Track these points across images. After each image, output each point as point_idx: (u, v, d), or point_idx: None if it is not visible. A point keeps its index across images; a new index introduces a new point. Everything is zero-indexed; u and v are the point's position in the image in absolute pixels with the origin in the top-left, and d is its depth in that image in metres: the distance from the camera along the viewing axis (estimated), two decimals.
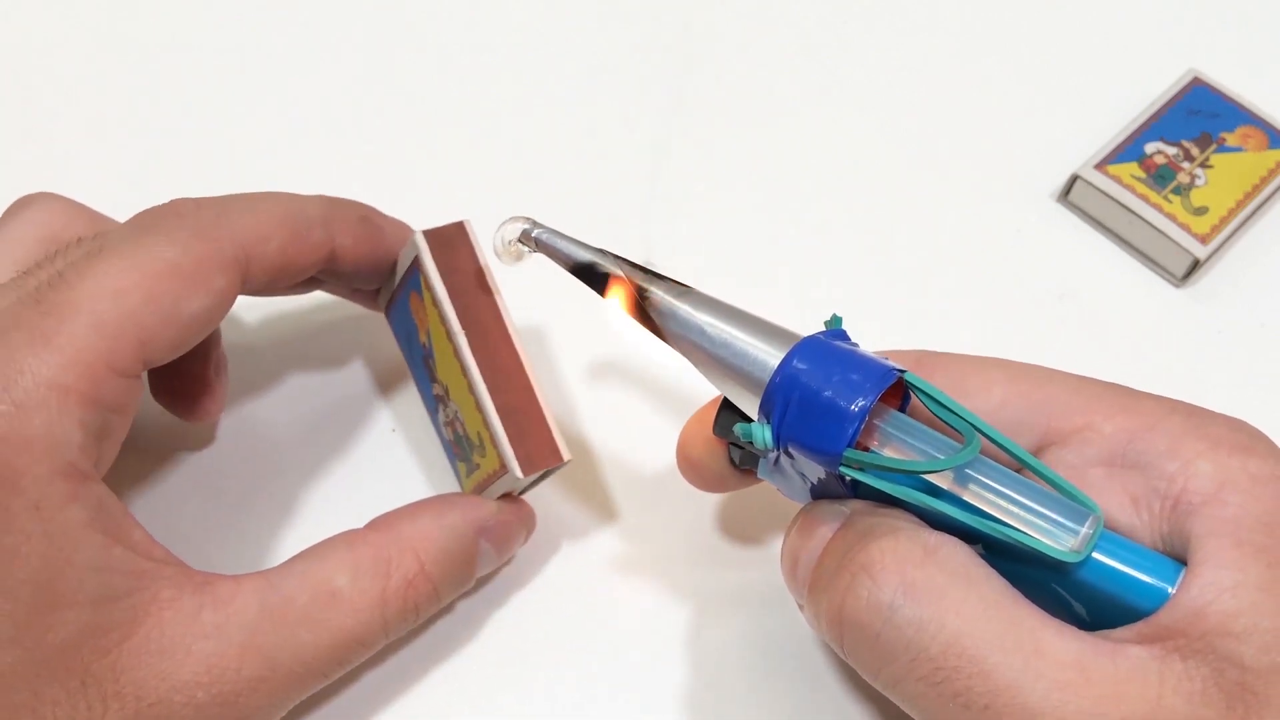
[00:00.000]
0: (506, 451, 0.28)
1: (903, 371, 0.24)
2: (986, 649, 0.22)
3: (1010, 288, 0.39)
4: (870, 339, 0.37)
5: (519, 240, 0.28)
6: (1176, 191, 0.39)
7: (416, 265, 0.30)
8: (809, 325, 0.26)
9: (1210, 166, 0.39)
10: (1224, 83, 0.41)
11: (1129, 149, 0.40)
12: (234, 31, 0.44)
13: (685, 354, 0.26)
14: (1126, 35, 0.45)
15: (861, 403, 0.23)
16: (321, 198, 0.31)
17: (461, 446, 0.31)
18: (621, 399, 0.36)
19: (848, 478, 0.24)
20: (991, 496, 0.23)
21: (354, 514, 0.30)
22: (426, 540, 0.29)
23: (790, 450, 0.24)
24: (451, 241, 0.30)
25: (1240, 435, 0.24)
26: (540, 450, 0.29)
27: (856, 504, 0.25)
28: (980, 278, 0.39)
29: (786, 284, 0.39)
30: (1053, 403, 0.25)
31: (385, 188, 0.36)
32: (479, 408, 0.29)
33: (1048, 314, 0.38)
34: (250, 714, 0.26)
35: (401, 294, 0.32)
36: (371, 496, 0.32)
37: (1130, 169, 0.39)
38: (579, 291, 0.28)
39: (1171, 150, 0.40)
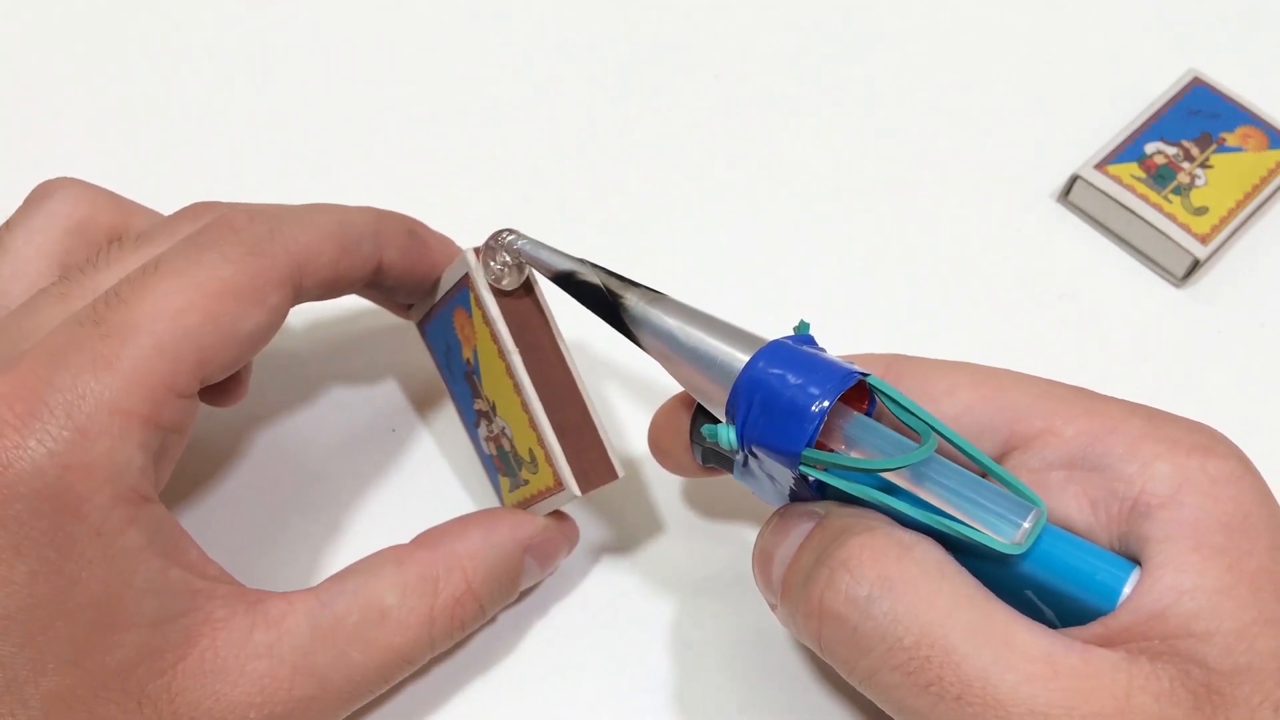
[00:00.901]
0: (564, 470, 0.28)
1: (865, 375, 0.24)
2: (958, 640, 0.22)
3: (1010, 288, 0.39)
4: (871, 339, 0.37)
5: (505, 253, 0.29)
6: (1176, 191, 0.39)
7: (466, 282, 0.30)
8: (792, 313, 0.26)
9: (1210, 166, 0.39)
10: (1224, 83, 0.41)
11: (1129, 149, 0.40)
12: (245, 28, 0.44)
13: (658, 358, 0.27)
14: (1126, 35, 0.45)
15: (821, 404, 0.23)
16: (370, 210, 0.30)
17: (505, 462, 0.31)
18: (640, 408, 0.36)
19: (811, 478, 0.24)
20: (942, 493, 0.23)
21: (391, 523, 0.30)
22: (474, 558, 0.29)
23: (755, 451, 0.25)
24: (498, 255, 0.30)
25: (1200, 436, 0.24)
26: (596, 468, 0.29)
27: (829, 505, 0.25)
28: (980, 278, 0.39)
29: (786, 283, 0.39)
30: (1015, 407, 0.25)
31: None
32: (533, 425, 0.29)
33: (1048, 314, 0.38)
34: None
35: (444, 308, 0.31)
36: (408, 506, 0.33)
37: (1130, 169, 0.39)
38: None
39: (1171, 150, 0.40)
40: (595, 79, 0.43)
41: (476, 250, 0.29)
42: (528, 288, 0.29)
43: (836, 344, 0.37)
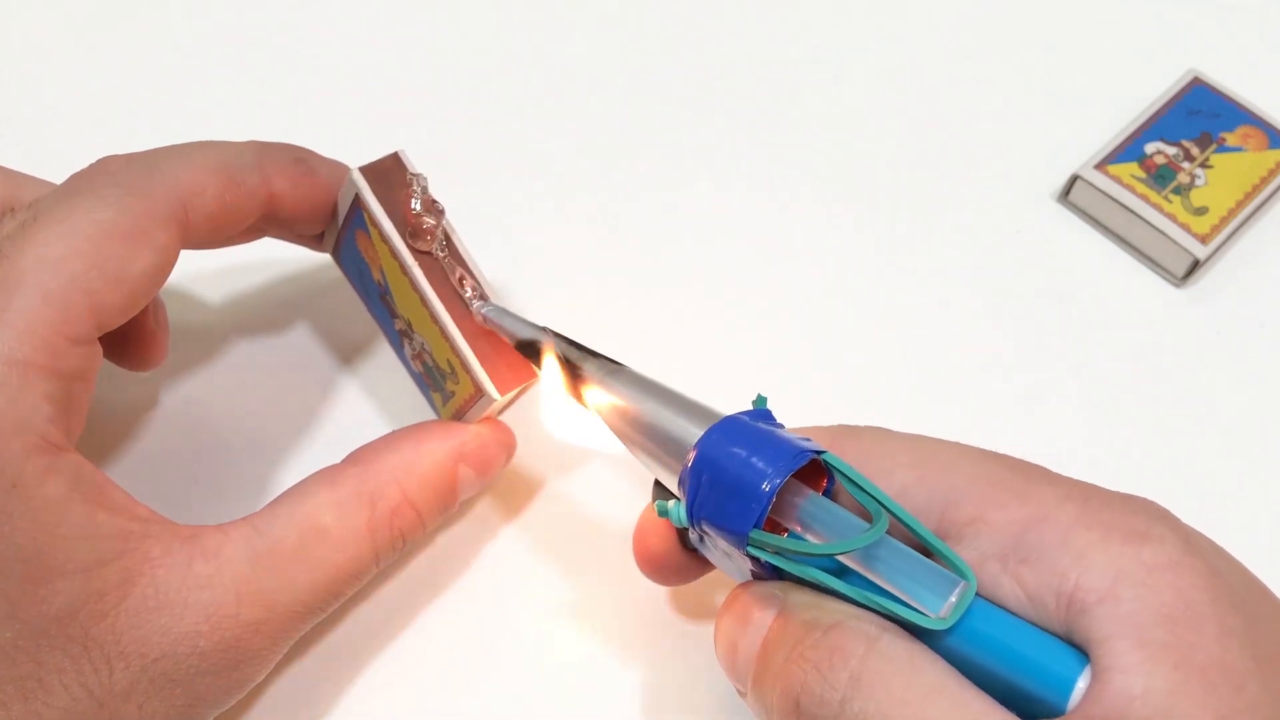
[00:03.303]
0: (480, 375, 0.29)
1: (819, 452, 0.24)
2: None
3: (1010, 288, 0.39)
4: (871, 338, 0.37)
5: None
6: (1176, 191, 0.39)
7: (358, 203, 0.30)
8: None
9: (1210, 166, 0.39)
10: (1224, 83, 0.41)
11: (1129, 149, 0.40)
12: (246, 27, 0.44)
13: (614, 431, 0.27)
14: (1126, 35, 0.45)
15: (770, 484, 0.23)
16: (254, 143, 0.30)
17: (433, 377, 0.31)
18: None
19: (762, 558, 0.24)
20: (882, 570, 0.23)
21: (335, 454, 0.30)
22: (407, 469, 0.29)
23: (705, 529, 0.25)
24: (389, 174, 0.30)
25: (1136, 519, 0.22)
26: (514, 368, 0.29)
27: (789, 588, 0.25)
28: (980, 278, 0.39)
29: (786, 282, 0.39)
30: (949, 490, 0.24)
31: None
32: (445, 336, 0.29)
33: (1048, 314, 0.38)
34: (254, 655, 0.27)
35: (347, 234, 0.31)
36: (349, 436, 0.33)
37: (1130, 169, 0.39)
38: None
39: (1171, 150, 0.40)
40: (594, 78, 0.43)
41: (361, 169, 0.29)
42: (432, 209, 0.30)
43: (835, 340, 0.37)
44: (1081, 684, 0.21)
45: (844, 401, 0.36)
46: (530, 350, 0.28)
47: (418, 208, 0.29)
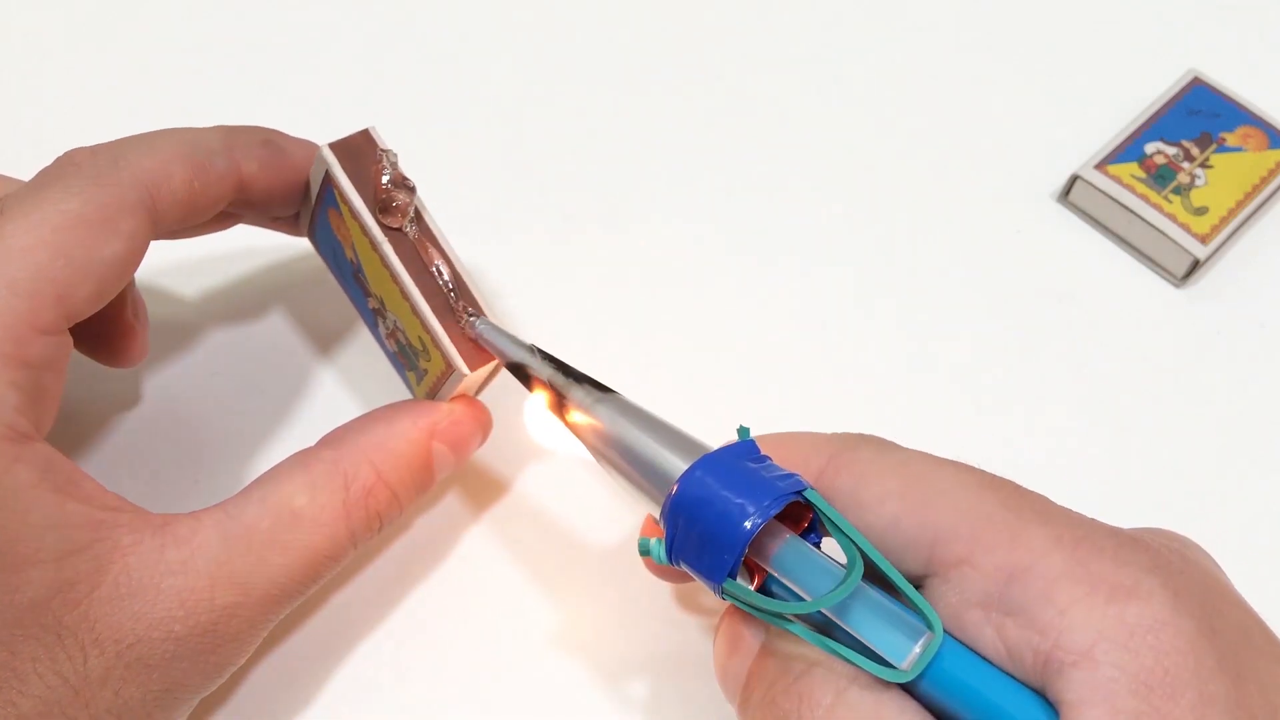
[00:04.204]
0: (450, 351, 0.29)
1: (799, 491, 0.24)
2: None
3: (1010, 288, 0.39)
4: (871, 339, 0.37)
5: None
6: (1176, 191, 0.39)
7: (329, 180, 0.30)
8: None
9: (1210, 166, 0.39)
10: (1224, 83, 0.41)
11: (1129, 149, 0.40)
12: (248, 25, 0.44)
13: (597, 459, 0.27)
14: (1126, 35, 0.45)
15: (741, 536, 0.23)
16: (220, 127, 0.30)
17: (407, 355, 0.31)
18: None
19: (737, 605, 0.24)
20: (853, 621, 0.23)
21: (313, 442, 0.30)
22: (380, 449, 0.29)
23: (684, 568, 0.25)
24: (359, 151, 0.30)
25: (1125, 571, 0.22)
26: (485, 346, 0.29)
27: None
28: (980, 278, 0.39)
29: (785, 281, 0.39)
30: (939, 527, 0.23)
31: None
32: (415, 313, 0.29)
33: (1048, 314, 0.38)
34: (230, 639, 0.27)
35: (319, 213, 0.31)
36: (328, 425, 0.32)
37: (1130, 169, 0.39)
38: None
39: (1171, 150, 0.40)
40: (592, 77, 0.43)
41: (331, 145, 0.29)
42: (403, 185, 0.29)
43: (836, 340, 0.37)
44: None
45: (843, 400, 0.36)
46: (520, 372, 0.29)
47: (388, 182, 0.29)
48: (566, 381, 0.28)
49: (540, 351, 0.28)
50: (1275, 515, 0.35)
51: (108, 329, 0.32)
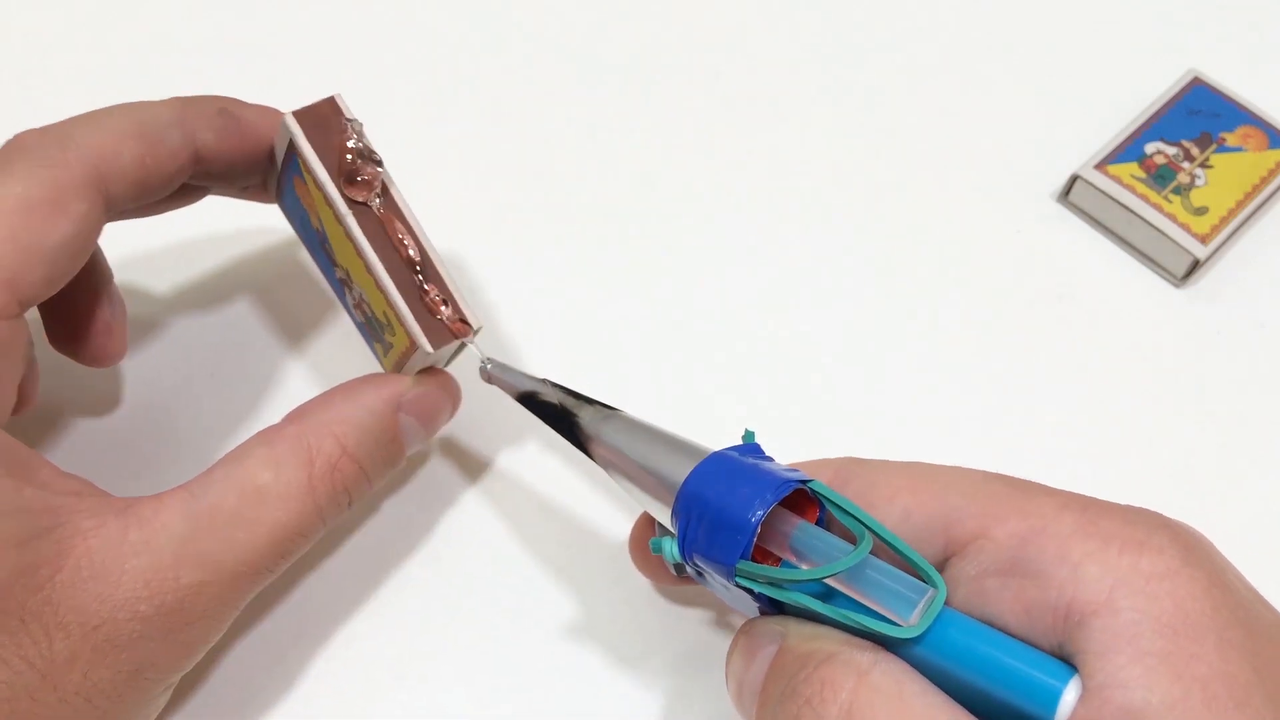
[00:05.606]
0: (414, 328, 0.28)
1: (805, 481, 0.24)
2: None
3: (1010, 288, 0.39)
4: (871, 339, 0.37)
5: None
6: (1176, 191, 0.39)
7: (293, 149, 0.29)
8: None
9: (1210, 166, 0.39)
10: (1224, 83, 0.41)
11: (1129, 149, 0.40)
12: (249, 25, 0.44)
13: (609, 472, 0.27)
14: (1126, 35, 0.45)
15: (755, 515, 0.23)
16: (174, 99, 0.30)
17: (373, 328, 0.31)
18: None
19: (753, 589, 0.24)
20: (863, 589, 0.23)
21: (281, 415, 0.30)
22: (344, 422, 0.29)
23: (698, 563, 0.25)
24: (325, 119, 0.29)
25: (1135, 529, 0.22)
26: (450, 322, 0.29)
27: (790, 622, 0.25)
28: (980, 278, 0.39)
29: (784, 280, 0.39)
30: (951, 510, 0.24)
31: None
32: (379, 287, 0.28)
33: (1048, 314, 0.38)
34: (200, 617, 0.27)
35: (286, 180, 0.31)
36: (296, 395, 0.33)
37: (1130, 169, 0.39)
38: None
39: (1171, 150, 0.40)
40: (592, 77, 0.43)
41: (295, 113, 0.29)
42: (370, 158, 0.29)
43: (836, 340, 0.37)
44: (1069, 696, 0.21)
45: (844, 400, 0.36)
46: (530, 401, 0.29)
47: (353, 152, 0.29)
48: (577, 403, 0.28)
49: (550, 382, 0.29)
50: (1275, 515, 0.35)
51: (85, 327, 0.32)
